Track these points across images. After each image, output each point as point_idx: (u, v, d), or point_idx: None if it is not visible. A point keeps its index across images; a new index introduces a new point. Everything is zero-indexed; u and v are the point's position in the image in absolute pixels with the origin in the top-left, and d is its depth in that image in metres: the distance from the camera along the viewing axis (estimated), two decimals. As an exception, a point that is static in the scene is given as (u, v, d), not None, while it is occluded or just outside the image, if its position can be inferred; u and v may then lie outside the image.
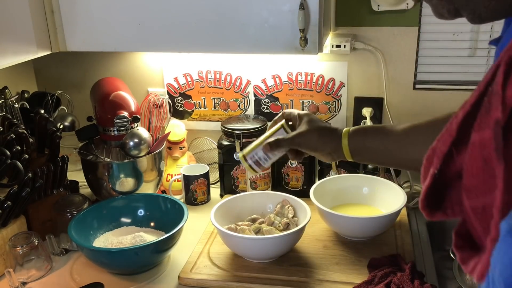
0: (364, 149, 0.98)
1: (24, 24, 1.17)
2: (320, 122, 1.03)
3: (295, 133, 1.02)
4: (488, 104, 0.46)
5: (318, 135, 1.00)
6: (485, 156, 0.45)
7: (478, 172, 0.47)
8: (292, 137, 1.01)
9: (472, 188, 0.48)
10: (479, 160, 0.46)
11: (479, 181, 0.46)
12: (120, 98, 1.36)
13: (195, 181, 1.46)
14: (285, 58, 1.51)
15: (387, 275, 1.05)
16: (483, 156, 0.46)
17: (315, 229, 1.29)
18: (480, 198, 0.46)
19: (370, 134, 0.98)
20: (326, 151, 1.01)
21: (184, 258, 1.19)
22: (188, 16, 1.18)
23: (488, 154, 0.45)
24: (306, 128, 1.01)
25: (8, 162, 1.16)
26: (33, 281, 1.16)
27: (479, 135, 0.46)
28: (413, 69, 1.46)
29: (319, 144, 1.00)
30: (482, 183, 0.46)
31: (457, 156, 0.49)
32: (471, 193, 0.48)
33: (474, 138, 0.47)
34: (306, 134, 1.00)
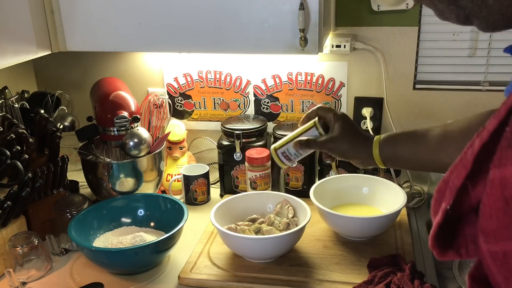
0: (396, 158, 0.96)
1: (24, 24, 1.17)
2: (354, 129, 1.00)
3: (327, 137, 0.99)
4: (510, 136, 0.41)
5: (351, 143, 0.98)
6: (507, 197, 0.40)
7: (498, 214, 0.41)
8: (324, 141, 0.99)
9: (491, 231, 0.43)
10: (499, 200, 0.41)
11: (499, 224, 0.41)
12: (120, 98, 1.36)
13: (195, 181, 1.46)
14: (285, 58, 1.51)
15: (387, 275, 1.05)
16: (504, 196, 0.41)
17: (315, 229, 1.29)
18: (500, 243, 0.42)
19: (402, 143, 0.96)
20: (358, 160, 1.00)
21: (184, 258, 1.19)
22: (188, 16, 1.18)
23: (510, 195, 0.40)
24: (339, 134, 0.98)
25: (8, 162, 1.16)
26: (33, 281, 1.16)
27: (499, 172, 0.41)
28: (413, 69, 1.46)
29: (350, 152, 0.99)
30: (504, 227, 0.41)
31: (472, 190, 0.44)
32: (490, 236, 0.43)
33: (493, 174, 0.42)
34: (338, 140, 0.98)
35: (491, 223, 0.42)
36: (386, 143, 0.96)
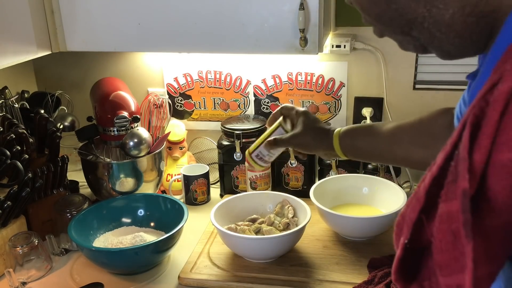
0: (355, 149, 1.01)
1: (24, 24, 1.17)
2: (315, 122, 1.05)
3: (291, 134, 1.05)
4: (455, 170, 0.42)
5: (312, 137, 1.03)
6: (454, 230, 0.41)
7: (448, 248, 0.42)
8: (288, 138, 1.05)
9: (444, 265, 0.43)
10: (448, 234, 0.42)
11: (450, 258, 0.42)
12: (120, 98, 1.36)
13: (195, 181, 1.46)
14: (285, 58, 1.51)
15: (387, 275, 1.05)
16: (451, 230, 0.41)
17: (315, 229, 1.29)
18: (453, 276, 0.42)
19: (359, 135, 1.01)
20: (321, 151, 1.05)
21: (184, 258, 1.19)
22: (188, 16, 1.18)
23: (457, 229, 0.40)
24: (300, 129, 1.04)
25: (8, 162, 1.16)
26: (33, 281, 1.16)
27: (446, 207, 0.42)
28: (413, 69, 1.46)
29: (313, 145, 1.04)
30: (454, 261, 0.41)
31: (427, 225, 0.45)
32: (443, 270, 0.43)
33: (441, 209, 0.42)
34: (300, 136, 1.04)
35: (443, 257, 0.43)
36: (346, 135, 1.01)
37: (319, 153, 1.07)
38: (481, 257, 0.40)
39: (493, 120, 0.40)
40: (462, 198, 0.40)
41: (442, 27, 0.52)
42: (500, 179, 0.39)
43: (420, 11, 0.52)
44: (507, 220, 0.40)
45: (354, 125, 1.06)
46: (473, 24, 0.50)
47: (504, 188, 0.39)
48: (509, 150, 0.39)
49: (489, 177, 0.40)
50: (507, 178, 0.39)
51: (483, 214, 0.40)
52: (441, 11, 0.51)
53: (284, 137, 1.06)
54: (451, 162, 0.43)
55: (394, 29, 0.56)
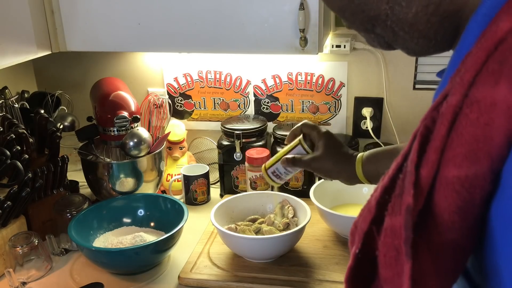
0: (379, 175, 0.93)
1: (24, 24, 1.17)
2: (338, 147, 0.99)
3: (311, 157, 0.99)
4: (402, 184, 0.41)
5: (333, 162, 0.97)
6: (396, 246, 0.40)
7: (391, 263, 0.41)
8: (308, 161, 0.99)
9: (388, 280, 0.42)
10: (391, 249, 0.41)
11: (393, 274, 0.41)
12: (120, 98, 1.36)
13: (195, 181, 1.46)
14: (285, 58, 1.51)
15: (387, 275, 1.05)
16: (394, 245, 0.40)
17: (315, 229, 1.29)
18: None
19: (383, 160, 0.94)
20: (342, 178, 1.00)
21: (184, 258, 1.19)
22: (188, 16, 1.18)
23: (399, 245, 0.39)
24: (321, 153, 0.97)
25: (8, 162, 1.16)
26: (33, 281, 1.16)
27: (391, 221, 0.41)
28: (413, 69, 1.46)
29: (334, 172, 0.98)
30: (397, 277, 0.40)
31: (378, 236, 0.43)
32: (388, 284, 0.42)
33: (386, 223, 0.41)
34: (321, 160, 0.97)
35: (387, 272, 0.42)
36: (369, 161, 0.95)
37: (340, 179, 1.01)
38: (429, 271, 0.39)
39: (440, 135, 0.39)
40: (405, 213, 0.39)
41: (405, 26, 0.50)
42: (446, 196, 0.38)
43: (383, 8, 0.50)
44: (454, 238, 0.39)
45: (376, 149, 0.99)
46: (437, 24, 0.48)
47: (450, 206, 0.38)
48: (454, 167, 0.38)
49: (436, 193, 0.39)
50: (452, 196, 0.38)
51: (430, 230, 0.39)
52: (403, 9, 0.48)
53: (303, 158, 0.99)
54: (400, 174, 0.42)
55: (357, 25, 0.54)
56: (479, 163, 0.37)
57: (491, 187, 0.38)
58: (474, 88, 0.38)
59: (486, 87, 0.37)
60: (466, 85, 0.38)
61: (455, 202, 0.38)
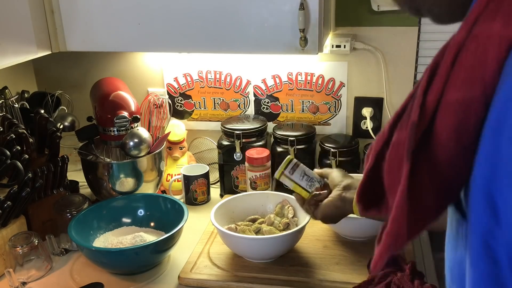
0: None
1: (24, 24, 1.17)
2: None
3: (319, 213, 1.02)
4: (411, 106, 0.48)
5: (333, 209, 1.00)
6: (400, 155, 0.47)
7: (394, 170, 0.48)
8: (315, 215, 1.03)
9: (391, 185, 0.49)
10: (395, 158, 0.48)
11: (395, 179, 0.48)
12: (120, 98, 1.36)
13: (195, 181, 1.46)
14: (285, 58, 1.51)
15: (387, 275, 1.05)
16: (398, 155, 0.48)
17: (315, 229, 1.28)
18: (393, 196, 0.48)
19: None
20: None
21: (184, 258, 1.19)
22: (188, 16, 1.18)
23: (402, 154, 0.46)
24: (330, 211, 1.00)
25: (8, 162, 1.16)
26: (33, 281, 1.16)
27: (398, 136, 0.49)
28: (413, 69, 1.46)
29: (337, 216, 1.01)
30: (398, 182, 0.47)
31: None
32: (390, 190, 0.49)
33: (394, 137, 0.49)
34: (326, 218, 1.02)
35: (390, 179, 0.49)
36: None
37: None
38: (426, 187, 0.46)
39: (446, 65, 0.46)
40: (410, 127, 0.46)
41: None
42: (445, 116, 0.45)
43: None
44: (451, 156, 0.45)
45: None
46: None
47: (448, 125, 0.45)
48: (455, 91, 0.44)
49: (438, 115, 0.45)
50: (450, 116, 0.44)
51: (431, 148, 0.46)
52: None
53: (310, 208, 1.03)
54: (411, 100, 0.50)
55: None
56: (474, 87, 0.43)
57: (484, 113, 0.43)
58: (476, 25, 0.45)
59: (485, 24, 0.44)
60: (469, 24, 0.45)
61: (453, 122, 0.44)
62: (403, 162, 0.46)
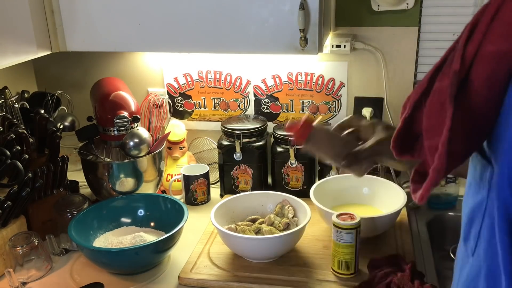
0: None
1: (24, 24, 1.17)
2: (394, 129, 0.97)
3: (374, 140, 0.90)
4: (452, 57, 0.52)
5: None
6: (442, 101, 0.52)
7: (435, 115, 0.53)
8: (372, 146, 0.89)
9: (430, 128, 0.54)
10: (437, 104, 0.53)
11: (436, 122, 0.53)
12: (120, 98, 1.36)
13: (195, 181, 1.46)
14: (285, 58, 1.51)
15: (387, 275, 1.05)
16: (440, 101, 0.52)
17: (315, 229, 1.28)
18: (435, 138, 0.52)
19: None
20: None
21: (184, 258, 1.19)
22: (188, 16, 1.18)
23: (444, 100, 0.51)
24: (386, 134, 0.89)
25: (8, 162, 1.16)
26: (33, 281, 1.16)
27: (439, 84, 0.53)
28: (413, 69, 1.46)
29: None
30: (438, 124, 0.52)
31: (425, 104, 0.55)
32: (429, 133, 0.54)
33: (436, 86, 0.54)
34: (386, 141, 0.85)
35: (430, 122, 0.54)
36: None
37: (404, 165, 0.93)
38: (458, 132, 0.50)
39: (486, 20, 0.49)
40: (452, 76, 0.50)
41: None
42: (480, 66, 0.49)
43: None
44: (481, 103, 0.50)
45: None
46: None
47: (481, 74, 0.49)
48: (491, 44, 0.48)
49: (474, 64, 0.49)
50: (484, 66, 0.49)
51: (466, 94, 0.50)
52: None
53: (366, 145, 0.89)
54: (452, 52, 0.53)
55: None
56: (509, 41, 0.47)
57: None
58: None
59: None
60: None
61: (486, 71, 0.49)
62: (444, 107, 0.50)
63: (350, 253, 1.08)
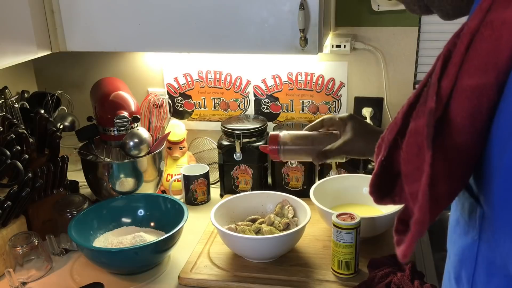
0: None
1: (24, 24, 1.17)
2: (366, 126, 1.02)
3: (342, 142, 1.00)
4: (426, 94, 0.48)
5: (366, 141, 0.99)
6: (419, 143, 0.47)
7: (412, 159, 0.48)
8: (340, 146, 1.00)
9: (408, 174, 0.50)
10: (413, 146, 0.48)
11: (413, 167, 0.48)
12: (120, 98, 1.36)
13: (195, 181, 1.46)
14: (285, 58, 1.51)
15: (387, 275, 1.05)
16: (416, 143, 0.48)
17: (315, 229, 1.29)
18: (415, 184, 0.48)
19: None
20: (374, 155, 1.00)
21: (184, 258, 1.19)
22: (188, 16, 1.18)
23: (421, 142, 0.47)
24: (352, 135, 1.00)
25: (8, 162, 1.16)
26: (33, 281, 1.16)
27: (415, 124, 0.49)
28: (413, 69, 1.46)
29: (366, 150, 0.99)
30: (416, 169, 0.48)
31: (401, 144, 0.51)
32: (408, 178, 0.50)
33: (411, 126, 0.49)
34: (353, 142, 0.99)
35: (408, 167, 0.49)
36: None
37: (372, 156, 1.01)
38: (441, 175, 0.46)
39: (460, 52, 0.47)
40: (428, 115, 0.46)
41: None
42: (459, 102, 0.46)
43: None
44: (463, 141, 0.46)
45: None
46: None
47: (462, 110, 0.46)
48: (468, 77, 0.45)
49: (452, 100, 0.46)
50: (464, 101, 0.45)
51: (445, 135, 0.46)
52: None
53: (334, 146, 1.00)
54: (425, 88, 0.49)
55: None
56: (488, 73, 0.44)
57: (497, 98, 0.44)
58: (490, 13, 0.45)
59: (499, 10, 0.45)
60: (484, 11, 0.46)
61: (467, 107, 0.45)
62: (422, 150, 0.46)
63: (350, 253, 1.08)
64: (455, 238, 0.56)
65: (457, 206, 0.56)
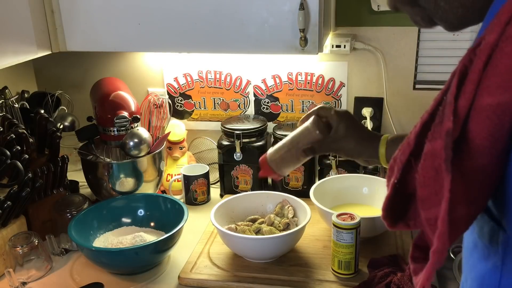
0: None
1: (24, 24, 1.17)
2: (359, 127, 0.99)
3: (332, 138, 0.97)
4: (442, 114, 0.45)
5: (356, 142, 0.96)
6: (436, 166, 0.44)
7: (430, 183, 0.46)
8: (328, 143, 0.97)
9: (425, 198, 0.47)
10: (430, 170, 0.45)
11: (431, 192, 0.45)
12: (120, 98, 1.36)
13: (195, 181, 1.46)
14: (285, 58, 1.51)
15: (387, 275, 1.05)
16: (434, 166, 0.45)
17: (315, 229, 1.29)
18: (432, 209, 0.45)
19: None
20: (362, 158, 0.98)
21: (184, 258, 1.19)
22: (188, 16, 1.18)
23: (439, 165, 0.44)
24: (343, 133, 0.96)
25: (8, 162, 1.16)
26: (33, 281, 1.16)
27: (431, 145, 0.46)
28: (413, 69, 1.46)
29: (355, 151, 0.97)
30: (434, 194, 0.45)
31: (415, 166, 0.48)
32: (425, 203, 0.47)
33: (427, 148, 0.46)
34: (343, 140, 0.97)
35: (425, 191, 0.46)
36: (393, 143, 0.94)
37: (359, 159, 0.99)
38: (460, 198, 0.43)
39: (477, 68, 0.43)
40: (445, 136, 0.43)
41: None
42: (479, 122, 0.43)
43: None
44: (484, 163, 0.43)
45: (402, 133, 0.98)
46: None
47: (482, 130, 0.42)
48: (488, 95, 0.42)
49: (470, 120, 0.43)
50: (484, 121, 0.42)
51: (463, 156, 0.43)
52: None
53: (324, 143, 0.97)
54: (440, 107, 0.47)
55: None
56: (510, 91, 0.41)
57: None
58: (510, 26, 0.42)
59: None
60: (502, 24, 0.43)
61: (487, 127, 0.42)
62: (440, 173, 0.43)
63: (350, 253, 1.08)
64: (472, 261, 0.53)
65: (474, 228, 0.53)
